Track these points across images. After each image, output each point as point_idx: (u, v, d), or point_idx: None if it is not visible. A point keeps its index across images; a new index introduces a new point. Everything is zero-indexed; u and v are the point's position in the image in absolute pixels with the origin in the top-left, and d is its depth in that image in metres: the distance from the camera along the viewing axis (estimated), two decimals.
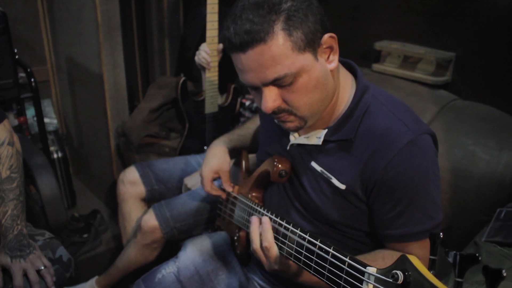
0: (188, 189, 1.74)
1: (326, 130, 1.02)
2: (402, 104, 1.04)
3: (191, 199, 1.64)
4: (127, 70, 2.27)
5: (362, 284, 0.70)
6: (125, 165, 2.27)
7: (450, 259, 0.57)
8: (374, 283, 0.66)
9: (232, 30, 0.89)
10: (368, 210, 1.02)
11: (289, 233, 0.92)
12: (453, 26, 1.71)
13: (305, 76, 0.91)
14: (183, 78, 1.94)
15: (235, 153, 1.43)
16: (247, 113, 1.98)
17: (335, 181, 1.01)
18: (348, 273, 0.74)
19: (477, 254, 0.55)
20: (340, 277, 0.76)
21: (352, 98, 1.02)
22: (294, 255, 0.90)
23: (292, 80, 0.90)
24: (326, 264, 0.79)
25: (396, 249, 1.00)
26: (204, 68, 1.88)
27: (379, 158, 0.95)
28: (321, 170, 1.03)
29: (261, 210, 1.10)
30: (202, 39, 1.87)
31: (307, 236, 0.86)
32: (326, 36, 0.93)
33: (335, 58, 0.96)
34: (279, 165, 1.11)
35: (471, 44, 1.67)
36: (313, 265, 0.84)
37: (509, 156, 1.47)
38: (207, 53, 1.84)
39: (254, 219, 0.98)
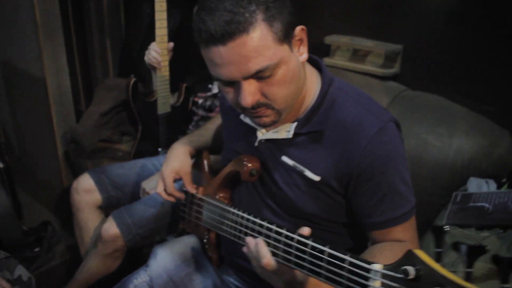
0: (147, 193, 1.69)
1: (296, 123, 1.03)
2: (365, 94, 1.07)
3: (151, 204, 1.60)
4: None
5: (368, 281, 0.69)
6: (75, 172, 2.17)
7: (460, 251, 0.59)
8: (382, 280, 0.67)
9: (210, 22, 0.85)
10: (345, 201, 1.03)
11: (273, 234, 0.91)
12: (399, 20, 1.77)
13: (284, 67, 0.91)
14: (133, 79, 1.88)
15: (195, 154, 1.40)
16: (200, 111, 1.95)
17: (308, 173, 1.02)
18: (351, 272, 0.73)
19: (485, 245, 0.57)
20: (341, 276, 0.75)
21: (319, 90, 1.03)
22: (282, 256, 0.88)
23: (271, 72, 0.90)
24: (323, 263, 0.78)
25: (381, 236, 1.02)
26: (154, 68, 1.83)
27: (353, 148, 0.97)
28: (293, 164, 1.04)
29: (234, 210, 1.08)
30: (147, 38, 1.82)
31: (296, 236, 0.85)
32: (298, 28, 0.94)
33: (305, 50, 0.98)
34: (249, 164, 1.10)
35: (417, 36, 1.75)
36: (306, 265, 0.82)
37: (459, 142, 1.55)
38: (158, 52, 1.78)
39: (249, 240, 0.93)
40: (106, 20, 2.43)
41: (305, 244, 0.82)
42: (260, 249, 0.89)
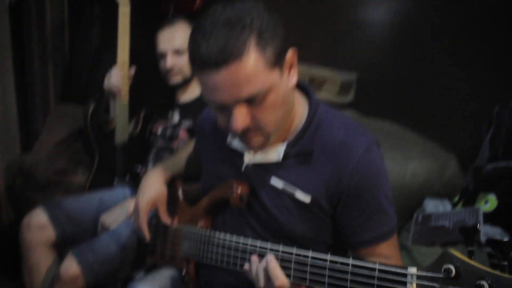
0: (106, 228, 1.60)
1: (285, 144, 1.05)
2: (349, 117, 1.13)
3: (115, 239, 1.52)
4: None
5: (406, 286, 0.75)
6: (18, 207, 1.99)
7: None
8: (419, 282, 0.72)
9: (204, 47, 0.87)
10: (332, 221, 1.06)
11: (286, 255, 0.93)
12: (353, 50, 1.88)
13: (274, 92, 0.93)
14: (92, 106, 1.79)
15: (170, 182, 1.37)
16: (160, 142, 1.88)
17: (299, 195, 1.03)
18: (383, 280, 0.78)
19: None
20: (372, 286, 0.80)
21: (308, 112, 1.06)
22: (297, 276, 0.92)
23: (262, 97, 0.92)
24: (348, 276, 0.82)
25: (367, 253, 1.05)
26: (114, 95, 1.76)
27: (342, 167, 1.00)
28: (283, 186, 1.05)
29: (225, 237, 1.09)
30: (96, 63, 1.75)
31: (310, 253, 0.90)
32: (290, 52, 0.96)
33: (295, 73, 1.00)
34: (238, 190, 1.09)
35: (370, 66, 1.87)
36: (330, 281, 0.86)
37: (413, 166, 1.67)
38: (118, 78, 1.72)
39: (253, 258, 0.97)
40: (49, 42, 2.29)
41: (324, 260, 0.87)
42: (273, 270, 0.91)
